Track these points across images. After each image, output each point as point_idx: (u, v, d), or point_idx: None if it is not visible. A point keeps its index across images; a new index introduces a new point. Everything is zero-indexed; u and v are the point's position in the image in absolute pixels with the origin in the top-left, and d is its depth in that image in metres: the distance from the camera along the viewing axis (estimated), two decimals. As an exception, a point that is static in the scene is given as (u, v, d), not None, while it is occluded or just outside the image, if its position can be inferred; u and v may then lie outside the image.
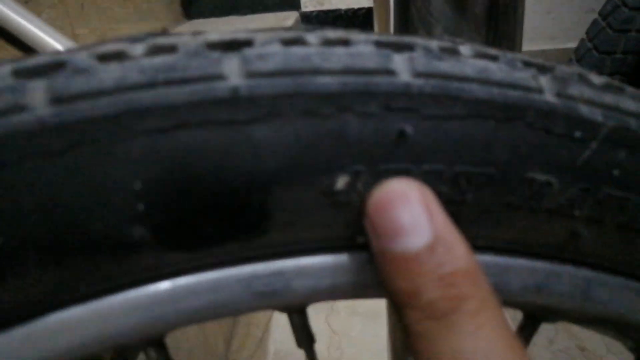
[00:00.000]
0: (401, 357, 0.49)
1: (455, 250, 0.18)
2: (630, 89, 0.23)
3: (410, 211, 0.18)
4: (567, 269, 0.23)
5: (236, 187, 0.18)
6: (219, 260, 0.19)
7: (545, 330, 1.10)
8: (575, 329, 1.09)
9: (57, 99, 0.17)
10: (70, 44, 0.36)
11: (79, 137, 0.17)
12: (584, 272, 0.23)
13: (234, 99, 0.18)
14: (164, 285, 0.19)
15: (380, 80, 0.19)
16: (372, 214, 0.19)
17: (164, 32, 0.20)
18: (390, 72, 0.19)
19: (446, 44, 0.21)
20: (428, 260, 0.18)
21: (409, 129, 0.19)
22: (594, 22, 1.24)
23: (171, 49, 0.18)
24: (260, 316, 1.05)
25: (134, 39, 0.19)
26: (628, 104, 0.22)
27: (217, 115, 0.17)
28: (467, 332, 0.17)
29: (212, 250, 0.19)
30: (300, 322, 0.24)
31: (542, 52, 2.19)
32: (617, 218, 0.22)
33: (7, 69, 0.17)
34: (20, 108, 0.16)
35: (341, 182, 0.19)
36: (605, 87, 0.23)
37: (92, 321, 0.18)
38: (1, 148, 0.16)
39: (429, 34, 0.32)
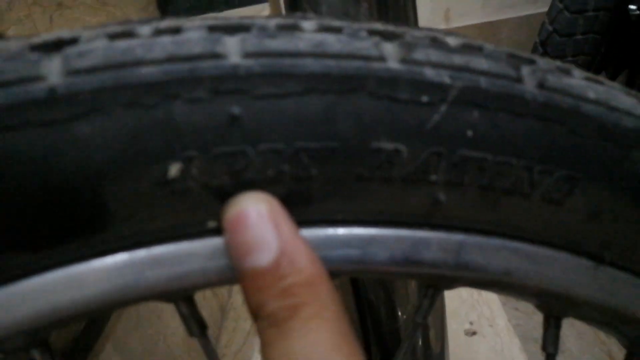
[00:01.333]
0: None
1: (298, 262, 0.20)
2: (488, 48, 0.23)
3: (257, 228, 0.19)
4: (437, 235, 0.23)
5: (65, 186, 0.18)
6: (68, 258, 0.20)
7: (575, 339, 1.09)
8: (602, 336, 1.10)
9: None
10: None
11: None
12: (456, 237, 0.23)
13: (52, 98, 0.18)
14: (14, 287, 0.19)
15: (207, 65, 0.19)
16: (226, 235, 0.20)
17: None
18: (217, 56, 0.19)
19: (287, 21, 0.21)
20: (273, 275, 0.19)
21: (239, 111, 0.19)
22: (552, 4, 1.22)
23: (-9, 52, 0.19)
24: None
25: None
26: (479, 62, 0.22)
27: (35, 116, 0.18)
28: (299, 335, 0.19)
29: (57, 249, 0.19)
30: (188, 311, 0.25)
31: (507, 21, 2.17)
32: (477, 180, 0.22)
33: None
34: None
35: (174, 169, 0.19)
36: (460, 49, 0.22)
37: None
38: None
39: (316, 13, 0.32)
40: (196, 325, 0.25)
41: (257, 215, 0.20)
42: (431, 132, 0.21)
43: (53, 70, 0.18)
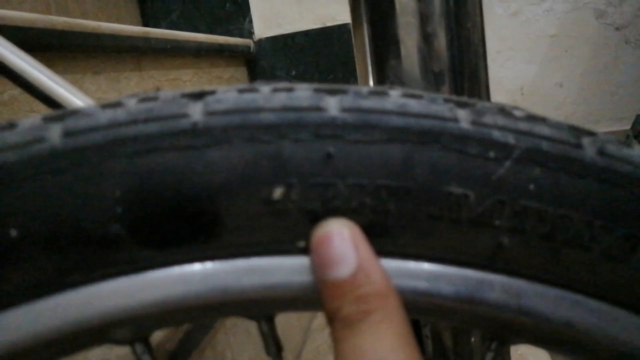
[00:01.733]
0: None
1: (372, 276, 0.23)
2: (551, 119, 0.27)
3: (339, 246, 0.24)
4: (500, 278, 0.25)
5: (193, 198, 0.23)
6: (183, 258, 0.24)
7: None
8: None
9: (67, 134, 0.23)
10: (88, 100, 0.45)
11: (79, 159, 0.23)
12: (518, 282, 0.25)
13: (194, 130, 0.24)
14: (139, 276, 0.24)
15: (311, 115, 0.24)
16: (313, 250, 0.24)
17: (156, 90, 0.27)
18: (320, 109, 0.25)
19: (378, 88, 0.27)
20: (350, 285, 0.23)
21: (334, 151, 0.24)
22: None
23: (154, 98, 0.25)
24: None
25: (131, 96, 0.26)
26: (541, 129, 0.26)
27: (180, 142, 0.23)
28: (368, 334, 0.22)
29: (177, 249, 0.24)
30: (268, 330, 0.28)
31: (609, 133, 2.14)
32: (538, 228, 0.25)
33: (39, 117, 0.25)
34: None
35: (278, 192, 0.24)
36: (523, 118, 0.26)
37: (79, 304, 0.23)
38: (25, 166, 0.23)
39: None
40: (274, 345, 0.28)
41: (340, 235, 0.23)
42: (496, 183, 0.24)
43: (197, 111, 0.24)
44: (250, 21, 1.85)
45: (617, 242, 0.25)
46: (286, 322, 1.05)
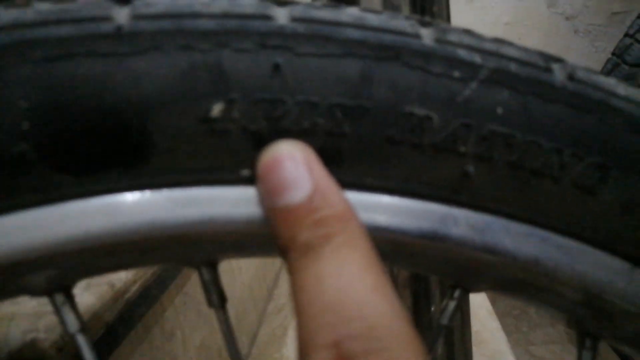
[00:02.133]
0: None
1: (330, 198, 0.21)
2: (519, 44, 0.25)
3: (292, 170, 0.21)
4: (465, 213, 0.23)
5: (116, 113, 0.20)
6: (106, 187, 0.21)
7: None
8: None
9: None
10: None
11: None
12: (484, 217, 0.23)
13: (118, 34, 0.20)
14: (53, 207, 0.20)
15: (257, 23, 0.21)
16: (260, 176, 0.21)
17: None
18: (267, 17, 0.21)
19: (333, 3, 0.24)
20: (306, 209, 0.20)
21: (282, 63, 0.21)
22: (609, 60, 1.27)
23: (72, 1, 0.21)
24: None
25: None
26: (509, 50, 0.23)
27: (100, 47, 0.20)
28: (330, 259, 0.19)
29: (98, 175, 0.20)
30: (210, 278, 0.25)
31: None
32: (506, 156, 0.22)
33: None
34: None
35: (217, 109, 0.20)
36: (490, 39, 0.24)
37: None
38: None
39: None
40: (217, 296, 0.25)
41: (291, 158, 0.21)
42: (462, 105, 0.22)
43: (122, 14, 0.21)
44: None
45: (587, 171, 0.23)
46: (241, 305, 1.02)
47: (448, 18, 0.37)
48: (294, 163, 0.21)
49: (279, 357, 0.99)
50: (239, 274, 1.05)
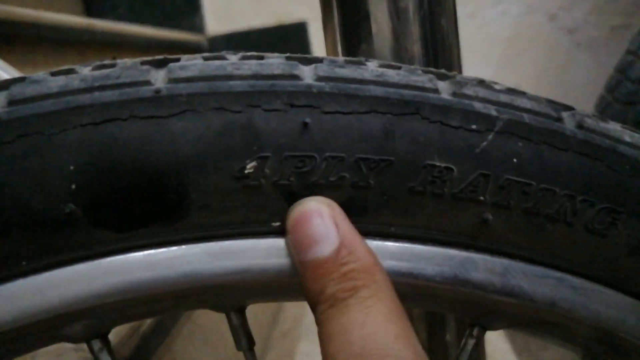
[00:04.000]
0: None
1: (356, 251, 0.22)
2: (530, 94, 0.27)
3: (319, 225, 0.23)
4: (484, 257, 0.25)
5: (156, 172, 0.22)
6: (147, 241, 0.22)
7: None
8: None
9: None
10: (15, 73, 0.43)
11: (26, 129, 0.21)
12: (502, 261, 0.25)
13: (156, 98, 0.22)
14: (96, 262, 0.22)
15: (285, 83, 0.23)
16: (290, 231, 0.23)
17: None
18: (294, 77, 0.23)
19: (353, 59, 0.26)
20: (333, 263, 0.22)
21: (310, 121, 0.23)
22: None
23: (112, 65, 0.23)
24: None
25: (85, 64, 0.24)
26: (522, 102, 0.25)
27: (141, 111, 0.22)
28: (356, 311, 0.21)
29: (139, 231, 0.22)
30: (238, 322, 0.26)
31: None
32: (522, 203, 0.24)
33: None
34: None
35: (249, 166, 0.22)
36: (504, 90, 0.26)
37: (30, 295, 0.21)
38: None
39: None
40: (245, 339, 0.27)
41: (319, 213, 0.22)
42: (480, 156, 0.24)
43: (159, 77, 0.23)
44: (202, 16, 1.81)
45: (598, 216, 0.25)
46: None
47: (454, 11, 0.38)
48: (321, 219, 0.22)
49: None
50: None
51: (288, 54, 0.25)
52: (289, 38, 1.83)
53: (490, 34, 2.02)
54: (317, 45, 1.84)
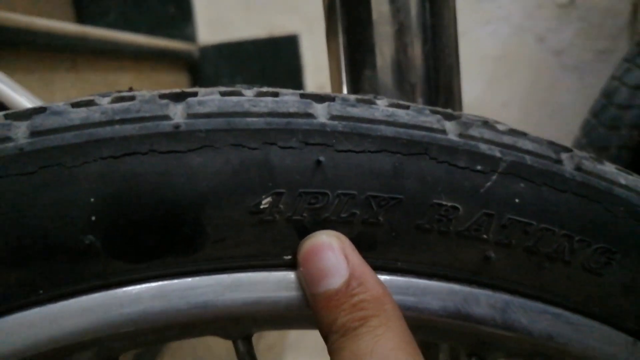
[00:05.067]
0: None
1: (366, 282, 0.24)
2: (531, 135, 0.28)
3: (330, 258, 0.24)
4: (486, 293, 0.26)
5: (174, 206, 0.22)
6: (162, 272, 0.23)
7: None
8: None
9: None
10: (38, 101, 0.43)
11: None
12: (503, 296, 0.26)
13: (175, 133, 0.23)
14: (111, 292, 0.23)
15: (300, 121, 0.24)
16: (301, 264, 0.24)
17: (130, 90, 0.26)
18: (309, 115, 0.24)
19: (364, 97, 0.27)
20: (344, 294, 0.23)
21: (323, 159, 0.24)
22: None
23: (131, 97, 0.24)
24: None
25: (104, 94, 0.25)
26: (525, 143, 0.27)
27: (160, 145, 0.22)
28: (367, 340, 0.22)
29: (155, 262, 0.23)
30: (244, 350, 0.27)
31: None
32: (523, 242, 0.25)
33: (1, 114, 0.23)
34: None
35: (265, 201, 0.23)
36: (507, 132, 0.27)
37: (46, 323, 0.22)
38: None
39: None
40: (250, 366, 0.27)
41: (330, 247, 0.23)
42: (484, 196, 0.25)
43: (178, 112, 0.24)
44: (194, 25, 1.82)
45: (594, 255, 0.26)
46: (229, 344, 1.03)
47: (456, 43, 0.40)
48: (332, 251, 0.23)
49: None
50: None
51: (302, 91, 0.26)
52: (280, 50, 1.84)
53: (480, 53, 2.06)
54: (308, 58, 1.85)
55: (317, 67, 1.91)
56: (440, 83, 0.37)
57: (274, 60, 1.87)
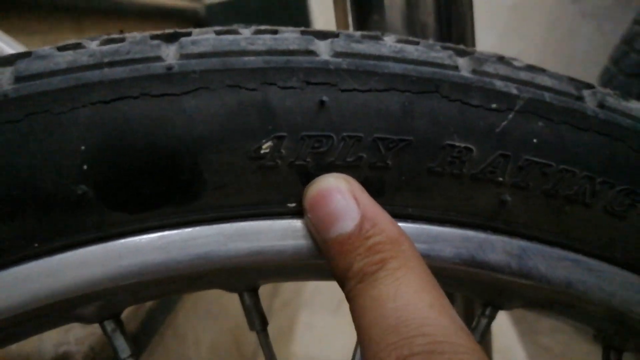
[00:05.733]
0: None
1: (380, 224, 0.22)
2: (550, 71, 0.26)
3: (339, 201, 0.22)
4: (502, 239, 0.25)
5: (169, 151, 0.21)
6: (160, 223, 0.22)
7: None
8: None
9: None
10: (20, 47, 0.42)
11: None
12: (520, 242, 0.25)
13: (168, 75, 0.21)
14: (110, 244, 0.22)
15: (301, 59, 0.22)
16: (309, 210, 0.23)
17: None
18: (310, 52, 0.23)
19: (370, 33, 0.25)
20: (358, 237, 0.22)
21: (327, 100, 0.22)
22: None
23: (120, 39, 0.22)
24: None
25: (92, 38, 0.23)
26: (543, 80, 0.25)
27: (153, 88, 0.21)
28: (387, 283, 0.21)
29: (152, 212, 0.22)
30: (251, 303, 0.26)
31: None
32: (541, 185, 0.24)
33: (-19, 60, 0.21)
34: None
35: (265, 146, 0.22)
36: (524, 68, 0.25)
37: (43, 277, 0.21)
38: None
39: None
40: (258, 319, 0.27)
41: (337, 189, 0.22)
42: (500, 136, 0.24)
43: (170, 53, 0.22)
44: (200, -18, 1.77)
45: (617, 198, 0.25)
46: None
47: (472, 26, 0.38)
48: (340, 195, 0.22)
49: (287, 354, 1.02)
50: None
51: (303, 28, 0.24)
52: (288, 7, 1.79)
53: (494, 3, 1.99)
54: (317, 15, 1.80)
55: (326, 24, 1.86)
56: (452, 34, 0.35)
57: (282, 17, 1.82)
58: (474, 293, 0.28)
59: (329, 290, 1.18)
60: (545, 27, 1.94)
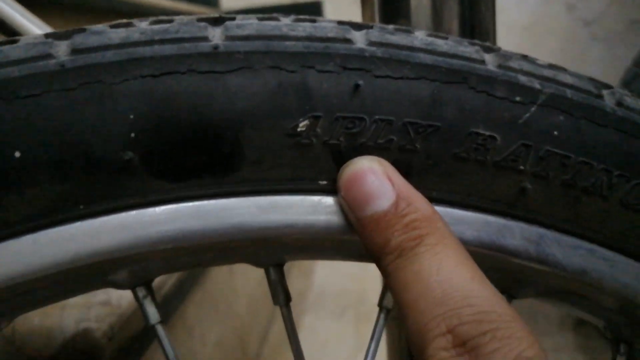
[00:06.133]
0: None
1: (414, 202, 0.23)
2: (571, 70, 0.27)
3: (374, 181, 0.23)
4: (521, 225, 0.26)
5: (212, 126, 0.22)
6: (199, 192, 0.23)
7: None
8: None
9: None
10: (48, 28, 0.43)
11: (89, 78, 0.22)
12: (537, 229, 0.26)
13: (214, 54, 0.23)
14: (150, 210, 0.23)
15: (338, 45, 0.24)
16: (343, 191, 0.24)
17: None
18: (347, 40, 0.24)
19: (402, 27, 0.26)
20: (394, 215, 0.23)
21: (362, 84, 0.23)
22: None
23: (169, 20, 0.24)
24: None
25: (142, 19, 0.25)
26: (565, 77, 0.26)
27: (199, 65, 0.22)
28: (427, 258, 0.22)
29: (192, 182, 0.23)
30: (276, 278, 0.27)
31: None
32: (560, 175, 0.25)
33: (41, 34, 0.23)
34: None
35: (302, 124, 0.23)
36: (547, 66, 0.27)
37: (87, 237, 0.22)
38: (33, 83, 0.21)
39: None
40: (282, 294, 0.28)
41: (372, 171, 0.23)
42: (523, 126, 0.25)
43: (217, 34, 0.23)
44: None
45: (632, 191, 0.26)
46: (252, 303, 1.05)
47: (494, 32, 0.39)
48: (375, 175, 0.23)
49: (290, 358, 1.02)
50: (251, 269, 1.07)
51: (339, 19, 0.26)
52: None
53: (507, 23, 2.01)
54: (333, 24, 1.83)
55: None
56: (475, 27, 0.36)
57: (297, 27, 1.84)
58: (490, 278, 0.29)
59: (333, 296, 1.18)
60: (557, 49, 1.96)
